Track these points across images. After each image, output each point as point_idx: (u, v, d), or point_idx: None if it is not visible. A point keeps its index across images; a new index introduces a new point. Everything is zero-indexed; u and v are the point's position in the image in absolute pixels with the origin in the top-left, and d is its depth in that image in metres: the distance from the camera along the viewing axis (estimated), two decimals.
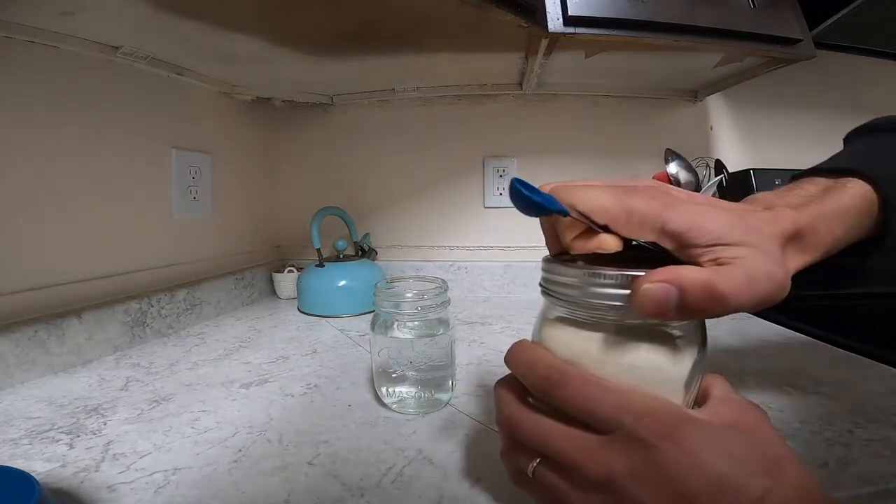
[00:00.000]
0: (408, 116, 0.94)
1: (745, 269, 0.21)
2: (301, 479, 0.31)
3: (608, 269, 0.23)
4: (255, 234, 0.93)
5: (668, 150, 0.78)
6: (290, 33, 0.61)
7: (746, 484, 0.19)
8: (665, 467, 0.20)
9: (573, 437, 0.23)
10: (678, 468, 0.19)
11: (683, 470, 0.19)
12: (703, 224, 0.22)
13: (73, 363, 0.52)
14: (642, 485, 0.20)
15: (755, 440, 0.21)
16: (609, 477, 0.21)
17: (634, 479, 0.20)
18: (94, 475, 0.32)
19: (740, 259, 0.21)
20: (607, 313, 0.23)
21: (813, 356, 0.53)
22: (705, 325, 0.25)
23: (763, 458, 0.20)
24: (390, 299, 0.40)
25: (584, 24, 0.54)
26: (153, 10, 0.51)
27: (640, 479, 0.20)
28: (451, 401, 0.43)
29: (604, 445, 0.22)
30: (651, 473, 0.20)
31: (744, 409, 0.23)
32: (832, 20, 0.64)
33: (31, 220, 0.51)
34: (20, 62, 0.50)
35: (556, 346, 0.25)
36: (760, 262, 0.21)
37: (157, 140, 0.68)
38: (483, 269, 0.92)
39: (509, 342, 0.27)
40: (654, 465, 0.20)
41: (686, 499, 0.19)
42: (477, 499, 0.29)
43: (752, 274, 0.21)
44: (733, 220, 0.22)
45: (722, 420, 0.22)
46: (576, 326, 0.25)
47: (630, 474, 0.20)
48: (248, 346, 0.61)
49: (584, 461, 0.22)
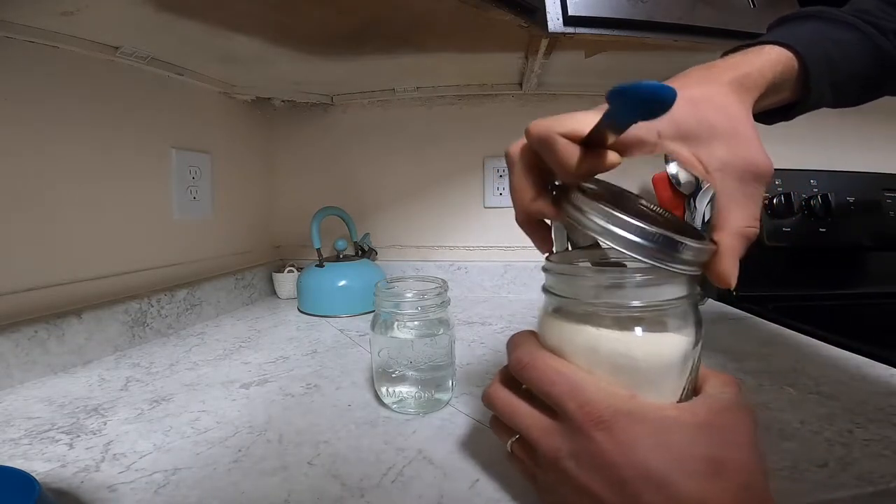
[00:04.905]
0: (408, 116, 0.94)
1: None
2: (301, 479, 0.31)
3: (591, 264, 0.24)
4: (255, 234, 0.93)
5: None
6: (290, 33, 0.61)
7: (676, 481, 0.19)
8: (598, 455, 0.21)
9: (533, 417, 0.25)
10: (610, 456, 0.21)
11: (614, 457, 0.21)
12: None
13: (73, 363, 0.52)
14: (582, 468, 0.22)
15: (712, 441, 0.21)
16: (556, 457, 0.23)
17: (576, 461, 0.22)
18: (94, 475, 0.32)
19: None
20: (597, 305, 0.24)
21: (813, 356, 0.53)
22: (699, 311, 0.25)
23: (708, 460, 0.20)
24: (390, 299, 0.40)
25: (584, 24, 0.54)
26: (153, 10, 0.51)
27: (580, 463, 0.22)
28: (451, 401, 0.43)
29: (555, 428, 0.23)
30: (588, 459, 0.22)
31: (723, 409, 0.23)
32: None
33: (30, 220, 0.51)
34: (20, 62, 0.50)
35: (545, 335, 0.27)
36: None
37: (157, 140, 0.68)
38: (483, 269, 0.92)
39: None
40: (588, 451, 0.21)
41: (618, 486, 0.20)
42: (477, 499, 0.29)
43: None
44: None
45: (691, 418, 0.22)
46: (566, 318, 0.26)
47: (572, 457, 0.22)
48: (248, 346, 0.61)
49: (539, 440, 0.24)
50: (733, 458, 0.20)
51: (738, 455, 0.21)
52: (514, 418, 0.26)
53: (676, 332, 0.24)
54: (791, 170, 0.80)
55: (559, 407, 0.23)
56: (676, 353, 0.24)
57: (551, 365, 0.24)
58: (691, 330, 0.24)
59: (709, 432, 0.21)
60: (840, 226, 0.79)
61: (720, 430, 0.21)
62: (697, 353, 0.25)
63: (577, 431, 0.22)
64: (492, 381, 0.29)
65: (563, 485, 0.23)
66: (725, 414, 0.22)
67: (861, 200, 0.81)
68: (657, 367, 0.24)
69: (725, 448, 0.21)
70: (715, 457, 0.20)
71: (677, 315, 0.24)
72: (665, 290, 0.24)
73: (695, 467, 0.20)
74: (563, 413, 0.23)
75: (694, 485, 0.19)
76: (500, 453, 0.33)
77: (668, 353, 0.24)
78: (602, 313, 0.24)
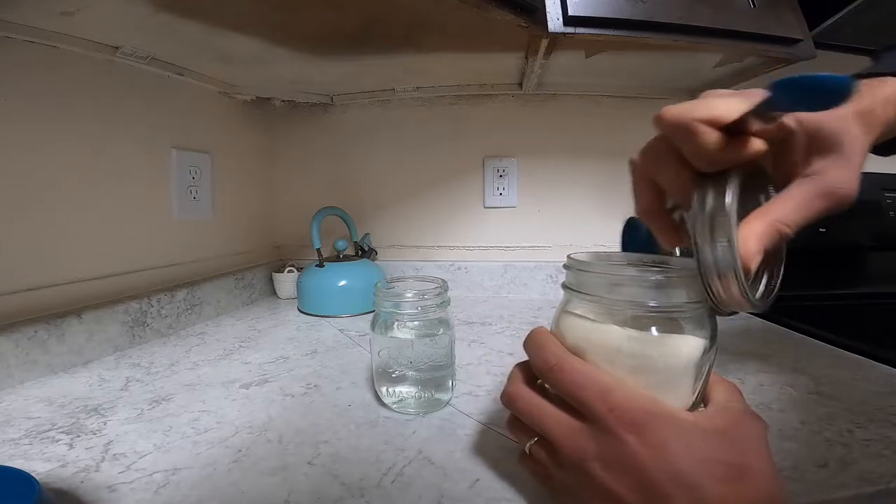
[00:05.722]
0: (408, 116, 0.94)
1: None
2: (301, 479, 0.31)
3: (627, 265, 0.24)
4: (255, 234, 0.93)
5: None
6: (290, 33, 0.61)
7: (703, 484, 0.20)
8: (628, 457, 0.21)
9: (559, 419, 0.25)
10: (640, 459, 0.21)
11: (645, 461, 0.21)
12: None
13: (73, 363, 0.52)
14: (608, 470, 0.22)
15: (733, 448, 0.21)
16: (582, 459, 0.23)
17: (603, 464, 0.22)
18: (94, 475, 0.32)
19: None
20: (618, 305, 0.25)
21: (813, 356, 0.53)
22: (715, 317, 0.25)
23: (731, 465, 0.21)
24: (390, 299, 0.40)
25: (584, 24, 0.54)
26: (153, 10, 0.51)
27: (607, 465, 0.22)
28: (451, 401, 0.43)
29: (583, 430, 0.23)
30: (616, 461, 0.22)
31: (739, 418, 0.23)
32: (832, 20, 0.64)
33: (31, 220, 0.51)
34: (20, 62, 0.50)
35: (566, 334, 0.27)
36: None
37: (157, 140, 0.68)
38: (483, 269, 0.92)
39: (509, 342, 0.28)
40: (619, 453, 0.21)
41: (646, 488, 0.21)
42: (477, 499, 0.29)
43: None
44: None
45: (710, 424, 0.22)
46: (584, 315, 0.26)
47: (599, 459, 0.22)
48: (248, 346, 0.61)
49: (564, 442, 0.24)
50: (753, 465, 0.21)
51: (757, 462, 0.21)
52: (539, 419, 0.25)
53: (692, 335, 0.24)
54: None
55: (588, 409, 0.23)
56: (692, 356, 0.24)
57: (579, 368, 0.24)
58: (706, 334, 0.25)
59: (729, 439, 0.22)
60: (840, 226, 0.79)
61: (739, 439, 0.22)
62: (712, 359, 0.25)
63: (606, 433, 0.22)
64: (510, 381, 0.29)
65: (586, 488, 0.23)
66: (741, 424, 0.23)
67: (861, 200, 0.80)
68: (673, 368, 0.24)
69: (746, 455, 0.21)
70: (737, 463, 0.21)
71: (694, 319, 0.24)
72: (683, 292, 0.24)
73: (720, 472, 0.20)
74: (593, 416, 0.23)
75: (720, 489, 0.20)
76: (500, 453, 0.33)
77: (684, 356, 0.24)
78: (619, 311, 0.25)
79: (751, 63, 0.69)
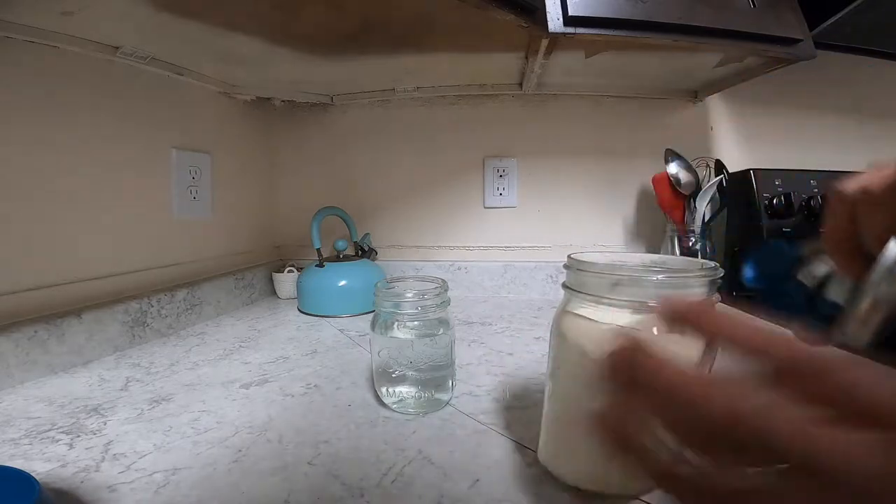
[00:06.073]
0: (408, 116, 0.94)
1: None
2: (301, 479, 0.31)
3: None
4: (255, 234, 0.93)
5: (669, 150, 0.78)
6: (290, 33, 0.61)
7: None
8: None
9: (834, 435, 0.14)
10: None
11: None
12: None
13: (73, 363, 0.52)
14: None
15: None
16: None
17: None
18: (94, 475, 0.32)
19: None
20: (618, 304, 0.25)
21: None
22: None
23: None
24: (390, 299, 0.40)
25: (584, 24, 0.54)
26: (153, 10, 0.51)
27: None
28: (451, 401, 0.43)
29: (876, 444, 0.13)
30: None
31: None
32: (832, 20, 0.64)
33: (31, 220, 0.51)
34: (20, 62, 0.50)
35: (566, 334, 0.27)
36: None
37: (157, 140, 0.68)
38: (483, 269, 0.92)
39: (509, 342, 0.28)
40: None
41: None
42: (477, 499, 0.29)
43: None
44: None
45: None
46: (587, 317, 0.27)
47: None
48: (248, 346, 0.61)
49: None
50: None
51: None
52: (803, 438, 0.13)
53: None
54: (791, 170, 0.80)
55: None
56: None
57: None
58: None
59: None
60: None
61: None
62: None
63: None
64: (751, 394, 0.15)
65: None
66: None
67: None
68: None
69: None
70: None
71: None
72: (683, 292, 0.25)
73: None
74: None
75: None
76: (500, 453, 0.33)
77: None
78: (620, 311, 0.25)
79: (751, 63, 0.69)
